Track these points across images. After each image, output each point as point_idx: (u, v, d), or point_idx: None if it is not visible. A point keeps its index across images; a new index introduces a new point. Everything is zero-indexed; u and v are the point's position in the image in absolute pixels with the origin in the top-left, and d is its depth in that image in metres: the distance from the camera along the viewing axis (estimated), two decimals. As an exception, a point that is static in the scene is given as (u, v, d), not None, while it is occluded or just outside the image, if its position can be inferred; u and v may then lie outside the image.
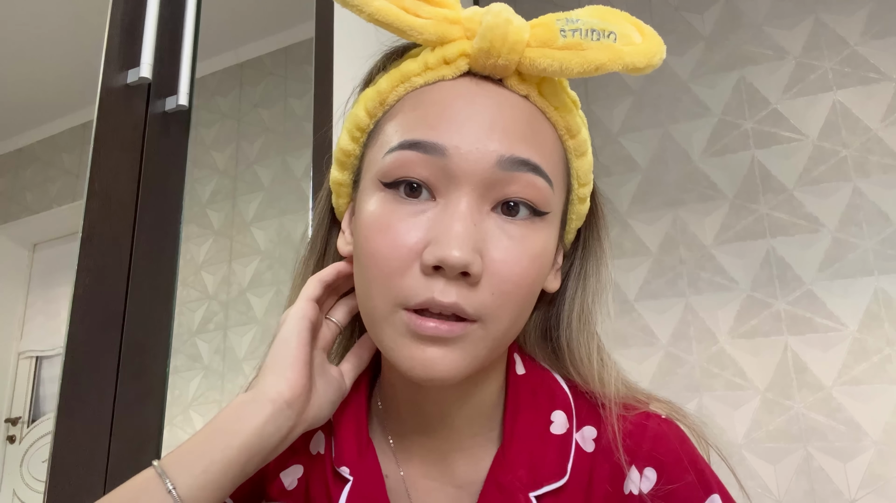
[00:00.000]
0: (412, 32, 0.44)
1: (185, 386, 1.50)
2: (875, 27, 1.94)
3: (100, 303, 0.78)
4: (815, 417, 1.76)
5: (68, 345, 0.73)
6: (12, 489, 1.04)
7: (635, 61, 0.43)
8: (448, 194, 0.43)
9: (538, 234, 0.44)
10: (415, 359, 0.42)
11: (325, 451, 0.50)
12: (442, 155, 0.42)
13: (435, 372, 0.42)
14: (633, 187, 2.11)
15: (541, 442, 0.48)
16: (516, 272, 0.43)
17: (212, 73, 1.54)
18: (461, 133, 0.43)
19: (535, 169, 0.43)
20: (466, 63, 0.45)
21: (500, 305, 0.42)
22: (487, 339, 0.43)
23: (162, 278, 0.87)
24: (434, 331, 0.41)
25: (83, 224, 0.78)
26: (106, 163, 0.82)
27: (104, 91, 0.83)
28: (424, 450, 0.50)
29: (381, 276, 0.43)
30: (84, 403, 0.74)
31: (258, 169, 1.61)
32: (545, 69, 0.43)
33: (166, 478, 0.40)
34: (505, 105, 0.45)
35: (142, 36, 0.87)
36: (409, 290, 0.42)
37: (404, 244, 0.42)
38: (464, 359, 0.42)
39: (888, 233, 1.80)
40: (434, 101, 0.45)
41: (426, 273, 0.41)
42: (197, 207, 1.57)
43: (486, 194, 0.43)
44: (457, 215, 0.41)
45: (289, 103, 1.62)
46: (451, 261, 0.40)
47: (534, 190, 0.43)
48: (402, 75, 0.47)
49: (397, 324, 0.42)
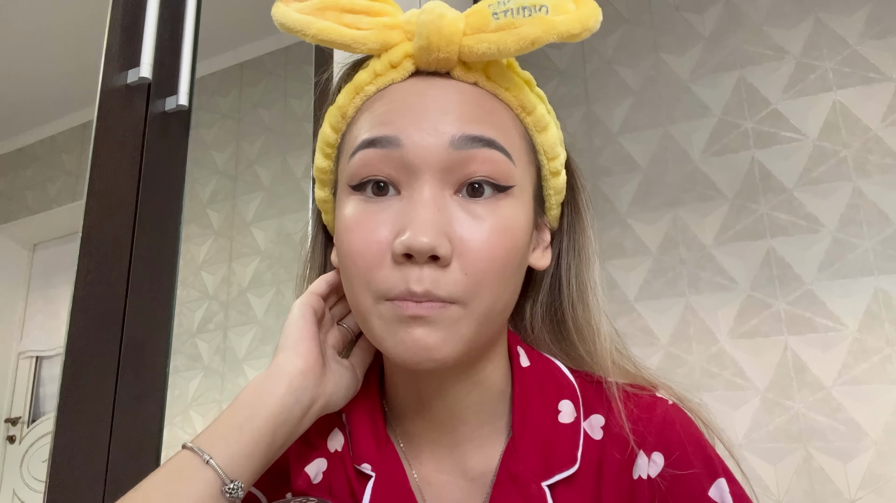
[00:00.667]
0: (356, 45, 0.47)
1: (185, 386, 1.50)
2: (875, 27, 1.94)
3: (100, 303, 0.78)
4: (815, 417, 1.76)
5: (68, 345, 0.73)
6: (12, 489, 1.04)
7: (570, 28, 0.44)
8: (411, 185, 0.44)
9: (504, 210, 0.45)
10: (405, 342, 0.43)
11: (342, 450, 0.51)
12: (397, 146, 0.44)
13: (425, 352, 0.43)
14: (633, 187, 2.11)
15: (550, 432, 0.49)
16: (485, 248, 0.43)
17: (212, 73, 1.54)
18: (413, 123, 0.45)
19: (489, 143, 0.45)
20: (412, 63, 0.47)
21: (477, 283, 0.43)
22: (471, 318, 0.44)
23: (162, 278, 0.87)
24: (415, 310, 0.42)
25: (83, 224, 0.78)
26: (106, 163, 0.82)
27: (104, 91, 0.83)
28: (433, 445, 0.51)
29: (359, 273, 0.44)
30: (84, 403, 0.74)
31: (258, 169, 1.61)
32: (484, 53, 0.45)
33: (202, 452, 0.42)
34: (453, 93, 0.46)
35: (142, 36, 0.88)
36: (385, 283, 0.43)
37: (375, 239, 0.44)
38: (450, 337, 0.43)
39: (888, 233, 1.80)
40: (386, 102, 0.47)
41: (398, 262, 0.43)
42: (197, 207, 1.57)
43: (447, 178, 0.44)
44: (420, 203, 0.43)
45: (289, 103, 1.62)
46: (418, 246, 0.41)
47: (492, 164, 0.44)
48: (355, 87, 0.49)
49: (383, 314, 0.44)
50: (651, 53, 2.19)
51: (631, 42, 2.23)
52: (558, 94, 2.28)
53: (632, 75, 2.20)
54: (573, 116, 2.24)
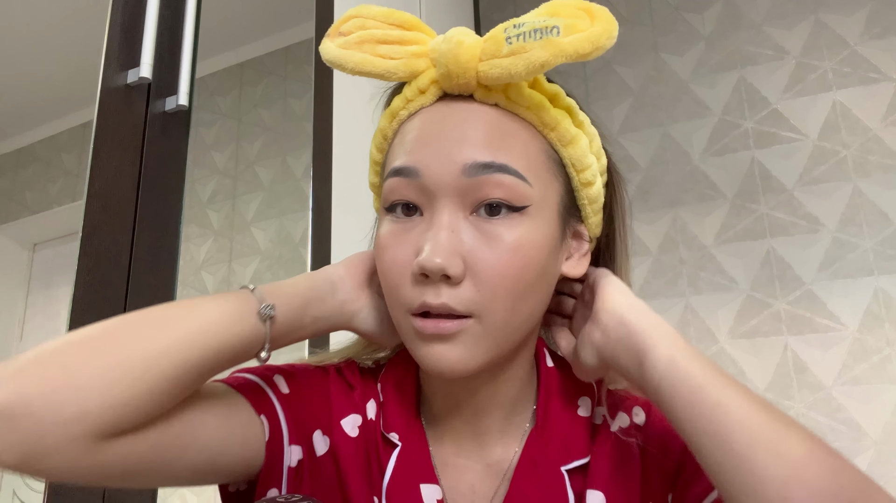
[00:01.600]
0: (388, 74, 0.52)
1: (185, 386, 1.49)
2: (875, 27, 1.94)
3: (100, 303, 0.78)
4: (815, 417, 1.76)
5: (68, 345, 0.73)
6: (12, 489, 1.04)
7: (578, 49, 0.46)
8: (431, 208, 0.49)
9: (518, 228, 0.48)
10: (427, 356, 0.48)
11: (376, 418, 0.56)
12: (417, 176, 0.49)
13: (444, 365, 0.48)
14: (633, 187, 2.11)
15: (570, 424, 0.54)
16: (497, 266, 0.47)
17: (212, 73, 1.54)
18: (430, 153, 0.49)
19: (500, 168, 0.48)
20: (438, 88, 0.51)
21: (491, 299, 0.47)
22: (487, 332, 0.48)
23: (162, 278, 0.87)
24: (434, 328, 0.47)
25: (83, 224, 0.78)
26: (106, 163, 0.82)
27: (104, 91, 0.83)
28: (456, 432, 0.56)
29: (390, 289, 0.50)
30: (84, 403, 0.74)
31: (258, 169, 1.61)
32: (497, 78, 0.48)
33: (246, 286, 0.49)
34: (471, 118, 0.50)
35: (142, 36, 0.88)
36: (407, 298, 0.48)
37: (399, 260, 0.49)
38: (467, 351, 0.48)
39: (888, 233, 1.80)
40: (413, 129, 0.51)
41: (417, 281, 0.48)
42: (197, 207, 1.57)
43: (462, 202, 0.48)
44: (434, 226, 0.48)
45: (289, 103, 1.62)
46: (431, 266, 0.46)
47: (504, 188, 0.48)
48: (391, 112, 0.54)
49: (408, 329, 0.49)
50: (651, 53, 2.19)
51: (631, 42, 2.23)
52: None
53: (632, 75, 2.20)
54: (573, 116, 2.24)
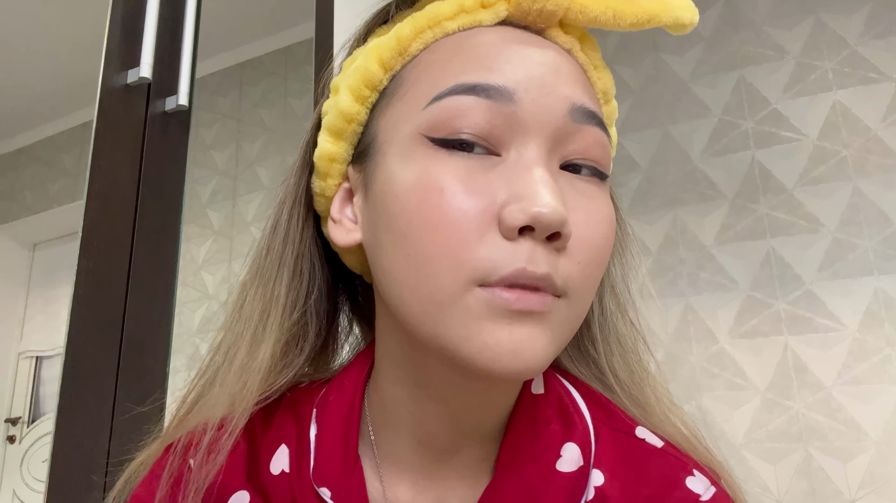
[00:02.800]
0: None
1: (185, 386, 1.49)
2: (875, 27, 1.94)
3: (100, 303, 0.78)
4: (815, 417, 1.76)
5: (68, 345, 0.73)
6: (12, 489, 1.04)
7: (682, 16, 0.39)
8: (516, 147, 0.35)
9: (604, 198, 0.38)
10: (500, 344, 0.33)
11: (290, 469, 0.41)
12: (509, 100, 0.35)
13: (524, 358, 0.33)
14: (633, 187, 2.11)
15: (542, 478, 0.39)
16: (598, 237, 0.36)
17: (212, 73, 1.54)
18: (529, 75, 0.36)
19: (600, 123, 0.38)
20: (506, 8, 0.39)
21: (586, 276, 0.35)
22: (572, 319, 0.36)
23: (162, 278, 0.87)
24: (525, 303, 0.33)
25: (83, 224, 0.78)
26: (106, 163, 0.82)
27: (104, 91, 0.83)
28: (417, 473, 0.42)
29: (448, 249, 0.33)
30: (84, 403, 0.74)
31: (258, 169, 1.61)
32: (596, 18, 0.38)
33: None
34: (561, 59, 0.38)
35: (142, 36, 0.88)
36: (488, 262, 0.33)
37: (476, 206, 0.34)
38: (553, 341, 0.34)
39: (888, 233, 1.80)
40: (480, 45, 0.37)
41: (510, 237, 0.33)
42: (197, 207, 1.57)
43: (555, 149, 0.36)
44: (537, 167, 0.34)
45: (289, 103, 1.62)
46: (548, 217, 0.32)
47: (599, 148, 0.37)
48: (429, 19, 0.39)
49: (472, 306, 0.33)
50: (651, 53, 2.19)
51: (631, 42, 2.23)
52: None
53: (632, 75, 2.20)
54: (573, 116, 2.24)
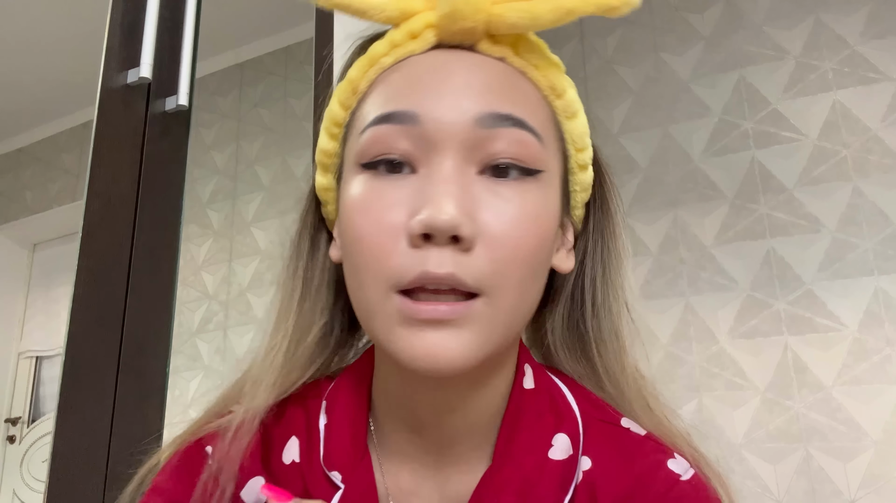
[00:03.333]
0: (372, 12, 0.42)
1: (185, 386, 1.50)
2: (875, 27, 1.94)
3: (100, 303, 0.78)
4: (815, 417, 1.76)
5: (68, 345, 0.73)
6: (12, 489, 1.04)
7: (609, 1, 0.40)
8: (429, 161, 0.39)
9: (533, 195, 0.40)
10: (415, 348, 0.37)
11: (301, 459, 0.45)
12: (416, 122, 0.39)
13: (440, 360, 0.37)
14: (633, 187, 2.11)
15: (536, 467, 0.43)
16: (512, 235, 0.38)
17: (212, 73, 1.54)
18: (434, 97, 0.40)
19: (518, 123, 0.40)
20: (433, 34, 0.42)
21: (502, 274, 0.38)
22: (496, 317, 0.38)
23: (162, 278, 0.87)
24: (432, 313, 0.37)
25: (83, 224, 0.78)
26: (106, 163, 0.82)
27: (104, 91, 0.83)
28: (415, 464, 0.45)
29: (370, 260, 0.39)
30: (84, 403, 0.74)
31: (258, 169, 1.61)
32: (515, 24, 0.40)
33: None
34: (478, 68, 0.41)
35: (142, 36, 0.88)
36: (399, 268, 0.37)
37: (389, 221, 0.38)
38: (473, 341, 0.38)
39: (888, 233, 1.80)
40: (404, 76, 0.42)
41: (415, 245, 0.37)
42: (197, 207, 1.57)
43: (470, 156, 0.39)
44: (440, 178, 0.38)
45: (289, 103, 1.62)
46: (439, 223, 0.36)
47: (520, 146, 0.40)
48: (369, 59, 0.44)
49: (390, 314, 0.38)
50: (651, 53, 2.19)
51: (631, 42, 2.23)
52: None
53: (632, 75, 2.20)
54: (573, 116, 2.24)
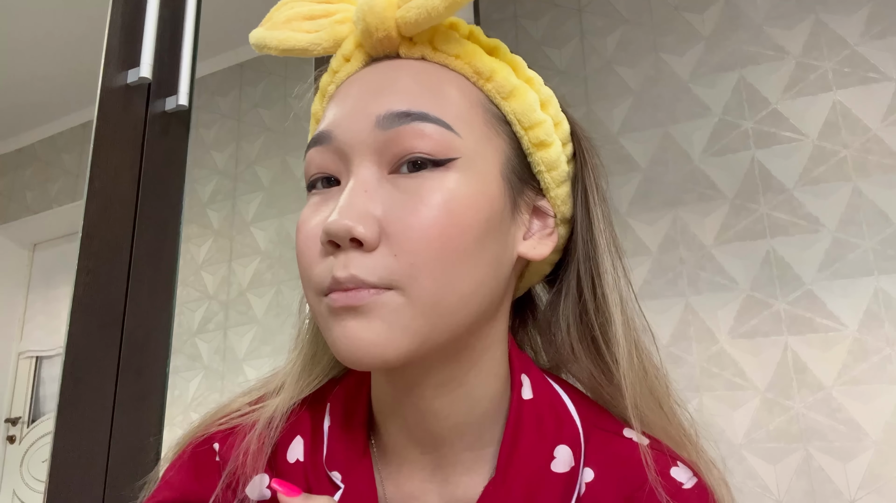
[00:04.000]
0: (312, 47, 0.46)
1: (185, 386, 1.50)
2: (875, 27, 1.94)
3: (100, 303, 0.78)
4: (815, 417, 1.76)
5: (68, 345, 0.73)
6: (12, 489, 1.04)
7: None
8: (348, 173, 0.42)
9: (443, 182, 0.40)
10: (339, 338, 0.39)
11: (305, 458, 0.46)
12: (330, 139, 0.42)
13: (361, 346, 0.38)
14: (633, 187, 2.11)
15: (538, 479, 0.43)
16: (418, 227, 0.39)
17: (212, 73, 1.54)
18: (345, 113, 0.42)
19: (420, 117, 0.41)
20: (363, 53, 0.45)
21: (412, 265, 0.38)
22: (414, 306, 0.39)
23: (162, 278, 0.87)
24: (344, 300, 0.38)
25: (83, 224, 0.78)
26: (106, 163, 0.82)
27: (104, 91, 0.83)
28: (413, 464, 0.46)
29: (303, 271, 0.42)
30: (84, 403, 0.74)
31: (258, 169, 1.61)
32: (416, 20, 0.42)
33: None
34: (392, 72, 0.43)
35: (142, 36, 0.88)
36: (318, 276, 0.40)
37: (312, 234, 0.41)
38: (389, 330, 0.38)
39: (888, 233, 1.80)
40: (334, 99, 0.45)
41: (325, 254, 0.40)
42: (197, 207, 1.57)
43: (380, 160, 0.41)
44: (346, 189, 0.40)
45: (289, 103, 1.62)
46: (333, 229, 0.38)
47: (422, 138, 0.40)
48: (321, 92, 0.48)
49: (322, 311, 0.40)
50: (651, 53, 2.19)
51: (631, 42, 2.23)
52: (558, 94, 2.26)
53: (632, 75, 2.20)
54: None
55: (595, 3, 2.32)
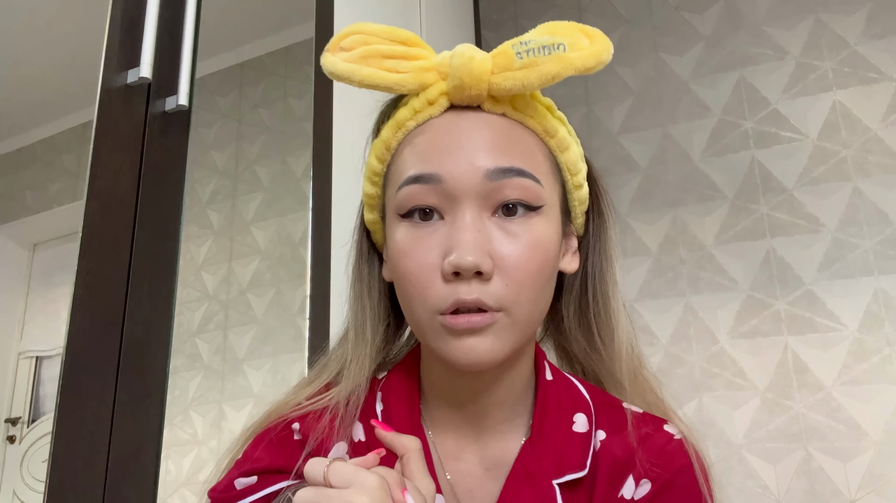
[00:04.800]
0: (397, 87, 0.54)
1: (185, 386, 1.49)
2: (875, 27, 1.94)
3: (100, 303, 0.78)
4: (815, 417, 1.76)
5: (68, 345, 0.73)
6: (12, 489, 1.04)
7: (585, 63, 0.51)
8: (453, 212, 0.51)
9: (536, 226, 0.52)
10: (458, 350, 0.50)
11: (366, 438, 0.57)
12: (439, 182, 0.51)
13: (476, 357, 0.49)
14: (633, 187, 2.11)
15: (565, 438, 0.55)
16: (522, 262, 0.50)
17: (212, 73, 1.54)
18: (451, 160, 0.51)
19: (520, 173, 0.51)
20: (446, 100, 0.54)
21: (518, 292, 0.50)
22: (515, 324, 0.50)
23: (162, 278, 0.87)
24: (467, 324, 0.49)
25: (83, 224, 0.78)
26: (106, 163, 0.82)
27: (104, 91, 0.83)
28: (458, 434, 0.58)
29: (416, 292, 0.51)
30: (84, 403, 0.74)
31: (258, 169, 1.61)
32: (510, 89, 0.51)
33: None
34: (484, 126, 0.53)
35: (142, 36, 0.87)
36: (438, 298, 0.50)
37: (427, 262, 0.50)
38: (497, 342, 0.50)
39: (888, 233, 1.80)
40: (426, 139, 0.53)
41: (448, 280, 0.49)
42: (197, 207, 1.57)
43: (484, 204, 0.51)
44: (463, 227, 0.50)
45: (289, 103, 1.62)
46: (465, 265, 0.48)
47: (523, 190, 0.51)
48: (397, 123, 0.55)
49: (437, 328, 0.50)
50: (651, 53, 2.19)
51: (631, 42, 2.23)
52: (558, 94, 2.28)
53: (632, 75, 2.20)
54: (573, 116, 2.24)
55: (595, 3, 2.32)
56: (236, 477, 0.55)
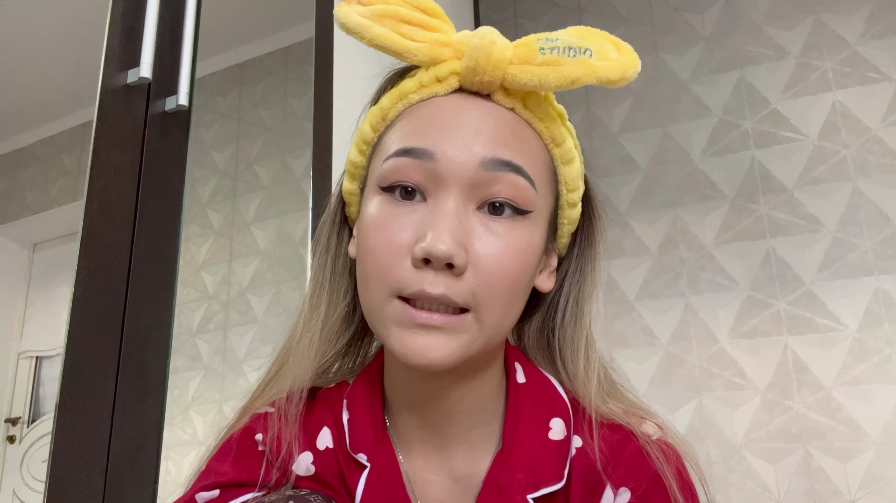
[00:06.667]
0: (408, 55, 0.50)
1: (185, 386, 1.49)
2: (875, 27, 1.94)
3: (100, 303, 0.78)
4: (815, 417, 1.76)
5: (68, 345, 0.73)
6: (12, 489, 1.04)
7: (609, 75, 0.47)
8: (437, 195, 0.47)
9: (521, 231, 0.48)
10: (406, 346, 0.45)
11: (334, 445, 0.53)
12: (431, 159, 0.47)
13: (427, 358, 0.45)
14: (633, 187, 2.11)
15: (540, 447, 0.51)
16: (499, 264, 0.46)
17: (212, 73, 1.54)
18: (449, 139, 0.47)
19: (516, 170, 0.47)
20: (457, 80, 0.50)
21: (489, 294, 0.46)
22: (482, 329, 0.46)
23: (162, 278, 0.87)
24: (427, 320, 0.45)
25: (83, 224, 0.78)
26: (106, 163, 0.82)
27: (104, 91, 0.83)
28: (423, 443, 0.53)
29: (377, 269, 0.46)
30: (84, 403, 0.74)
31: (258, 169, 1.61)
32: (525, 83, 0.48)
33: None
34: (490, 115, 0.49)
35: (142, 36, 0.88)
36: (402, 281, 0.45)
37: (398, 240, 0.46)
38: (456, 346, 0.46)
39: (888, 233, 1.80)
40: (427, 114, 0.49)
41: (417, 266, 0.45)
42: (197, 207, 1.57)
43: (472, 194, 0.47)
44: (443, 213, 0.45)
45: (289, 103, 1.62)
46: (437, 253, 0.43)
47: (516, 189, 0.47)
48: (400, 93, 0.51)
49: (390, 313, 0.46)
50: (651, 53, 2.19)
51: (631, 42, 2.22)
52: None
53: (632, 75, 2.20)
54: (573, 116, 2.24)
55: (595, 3, 2.32)
56: (198, 491, 0.52)
